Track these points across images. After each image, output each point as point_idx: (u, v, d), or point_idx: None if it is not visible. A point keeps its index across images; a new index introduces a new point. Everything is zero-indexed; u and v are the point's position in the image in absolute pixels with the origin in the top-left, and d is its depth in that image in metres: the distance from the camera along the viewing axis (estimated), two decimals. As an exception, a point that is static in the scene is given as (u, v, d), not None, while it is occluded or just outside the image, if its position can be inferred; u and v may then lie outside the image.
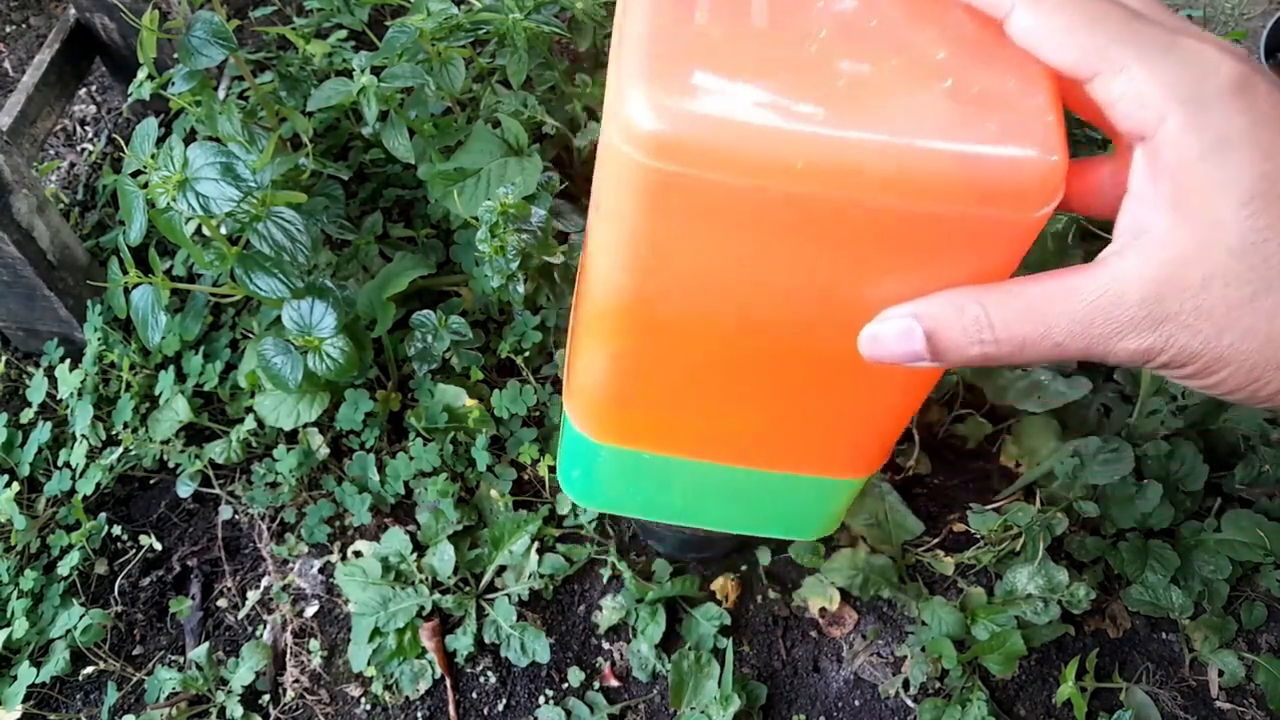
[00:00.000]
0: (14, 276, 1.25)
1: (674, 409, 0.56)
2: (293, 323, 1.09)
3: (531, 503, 1.26)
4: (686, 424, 0.57)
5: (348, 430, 1.28)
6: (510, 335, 1.30)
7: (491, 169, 1.20)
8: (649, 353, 0.50)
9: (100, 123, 1.75)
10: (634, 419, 0.58)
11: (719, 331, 0.47)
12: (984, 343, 0.37)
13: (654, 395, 0.54)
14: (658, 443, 0.59)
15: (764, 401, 0.53)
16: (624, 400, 0.56)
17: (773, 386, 0.52)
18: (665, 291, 0.44)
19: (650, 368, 0.52)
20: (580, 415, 0.60)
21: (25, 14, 1.92)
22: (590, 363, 0.55)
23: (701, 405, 0.55)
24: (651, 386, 0.54)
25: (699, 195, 0.37)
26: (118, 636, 1.21)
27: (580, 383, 0.58)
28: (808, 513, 0.71)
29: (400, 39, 1.12)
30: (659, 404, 0.55)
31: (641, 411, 0.57)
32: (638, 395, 0.55)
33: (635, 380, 0.54)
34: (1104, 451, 1.15)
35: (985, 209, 0.37)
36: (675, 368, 0.51)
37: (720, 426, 0.57)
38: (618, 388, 0.55)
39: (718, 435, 0.58)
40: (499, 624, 1.16)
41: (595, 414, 0.59)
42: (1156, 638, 1.22)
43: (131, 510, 1.30)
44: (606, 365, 0.53)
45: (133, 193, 1.01)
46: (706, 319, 0.46)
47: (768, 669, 1.17)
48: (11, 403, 1.39)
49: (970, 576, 1.22)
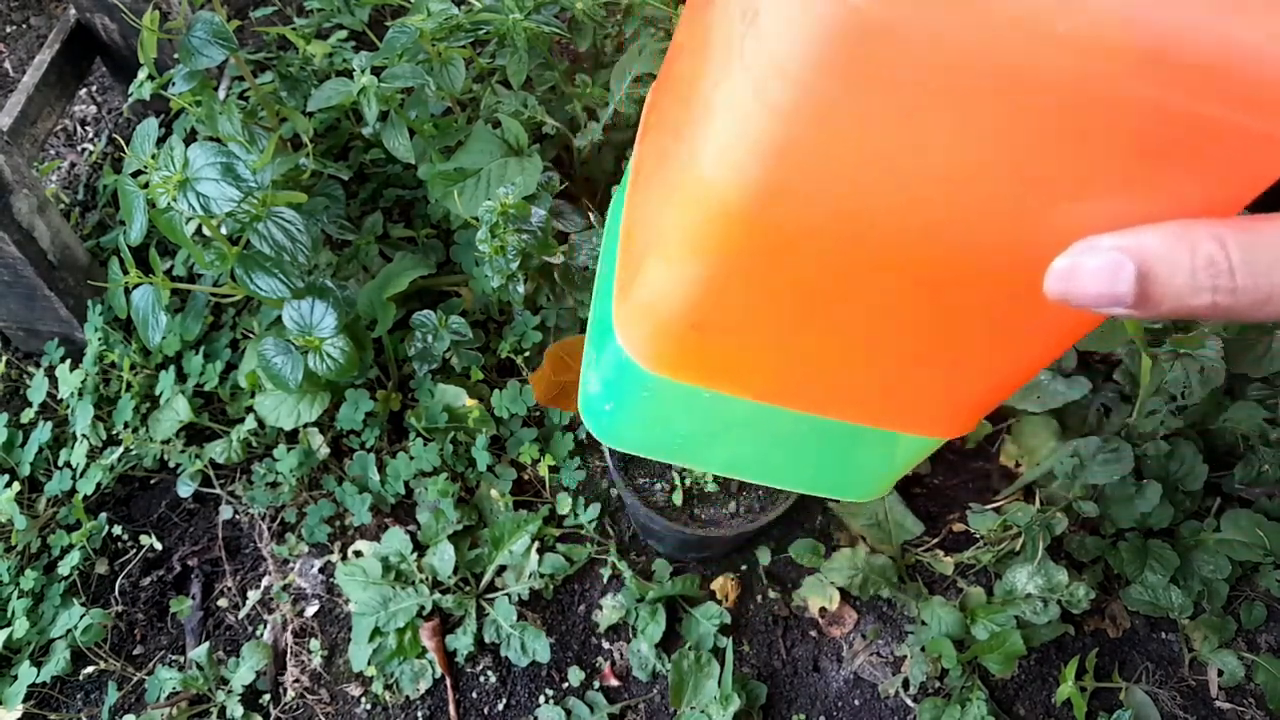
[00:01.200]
0: (14, 276, 1.25)
1: (759, 340, 0.47)
2: (293, 323, 1.10)
3: (531, 503, 1.27)
4: (768, 359, 0.49)
5: (348, 430, 1.28)
6: (510, 335, 1.30)
7: (491, 169, 1.20)
8: (756, 267, 0.41)
9: (101, 123, 1.75)
10: (706, 348, 0.49)
11: (856, 246, 0.38)
12: (1217, 290, 0.30)
13: (741, 321, 0.46)
14: (725, 378, 0.51)
15: (875, 339, 0.45)
16: (701, 324, 0.47)
17: (893, 321, 0.43)
18: (810, 188, 0.35)
19: (750, 286, 0.42)
20: (637, 338, 0.51)
21: (26, 14, 1.92)
22: (668, 274, 0.45)
23: (795, 338, 0.46)
24: (742, 310, 0.44)
25: (906, 52, 0.29)
26: (118, 636, 1.21)
27: (646, 298, 0.48)
28: (868, 471, 0.63)
29: (400, 39, 1.12)
30: (744, 332, 0.47)
31: (719, 339, 0.48)
32: (721, 319, 0.46)
33: (725, 301, 0.44)
34: (1103, 451, 1.15)
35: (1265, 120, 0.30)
36: (781, 288, 0.42)
37: (808, 365, 0.48)
38: (698, 308, 0.45)
39: (801, 375, 0.50)
40: (499, 624, 1.16)
41: (659, 338, 0.50)
42: (1156, 637, 1.22)
43: (132, 510, 1.30)
44: (692, 279, 0.44)
45: (133, 193, 1.01)
46: (848, 228, 0.37)
47: (768, 668, 1.17)
48: (12, 402, 1.39)
49: (970, 576, 1.22)
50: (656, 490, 1.10)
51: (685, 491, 1.08)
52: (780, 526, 1.26)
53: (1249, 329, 1.12)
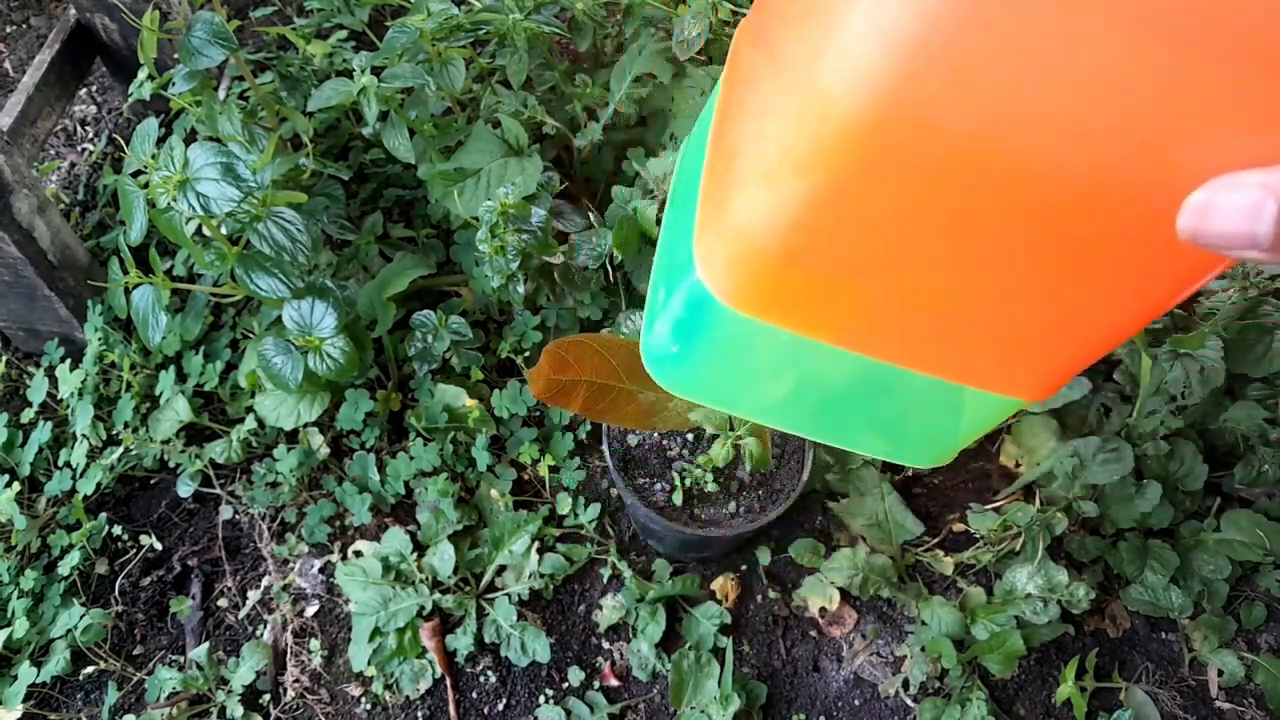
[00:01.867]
0: (15, 276, 1.25)
1: (853, 275, 0.44)
2: (293, 323, 1.10)
3: (531, 503, 1.27)
4: (858, 298, 0.45)
5: (348, 430, 1.29)
6: (510, 335, 1.30)
7: (491, 169, 1.20)
8: (866, 190, 0.38)
9: (101, 123, 1.75)
10: (794, 282, 0.45)
11: (978, 172, 0.36)
12: None
13: (838, 251, 0.42)
14: (809, 318, 0.47)
15: (978, 281, 0.42)
16: (798, 255, 0.44)
17: (1000, 261, 0.40)
18: (940, 103, 0.33)
19: (855, 212, 0.40)
20: (721, 270, 0.48)
21: (26, 14, 1.92)
22: (767, 198, 0.42)
23: (892, 274, 0.43)
24: (842, 238, 0.41)
25: None
26: (118, 636, 1.21)
27: (737, 225, 0.45)
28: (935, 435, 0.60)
29: (400, 39, 1.12)
30: (839, 265, 0.43)
31: (810, 273, 0.44)
32: (818, 248, 0.43)
33: (825, 227, 0.41)
34: (1103, 451, 1.15)
35: None
36: (888, 216, 0.40)
37: (900, 306, 0.46)
38: (796, 235, 0.42)
39: (890, 318, 0.47)
40: (499, 623, 1.16)
41: (746, 270, 0.46)
42: (1156, 637, 1.22)
43: (132, 510, 1.30)
44: (795, 202, 0.41)
45: (133, 193, 1.01)
46: (974, 151, 0.35)
47: (768, 668, 1.17)
48: (12, 403, 1.39)
49: (970, 576, 1.22)
50: (656, 490, 1.10)
51: (685, 491, 1.08)
52: (780, 526, 1.26)
53: (1249, 328, 1.12)
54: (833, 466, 1.25)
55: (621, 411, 0.97)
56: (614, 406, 0.96)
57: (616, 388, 0.96)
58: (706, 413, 0.96)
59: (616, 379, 0.95)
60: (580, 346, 0.92)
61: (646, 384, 0.97)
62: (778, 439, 1.13)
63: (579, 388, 0.93)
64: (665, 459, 1.13)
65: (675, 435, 1.14)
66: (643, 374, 1.04)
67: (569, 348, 0.91)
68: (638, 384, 0.97)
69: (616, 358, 0.94)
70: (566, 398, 0.93)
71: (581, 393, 0.94)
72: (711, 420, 0.95)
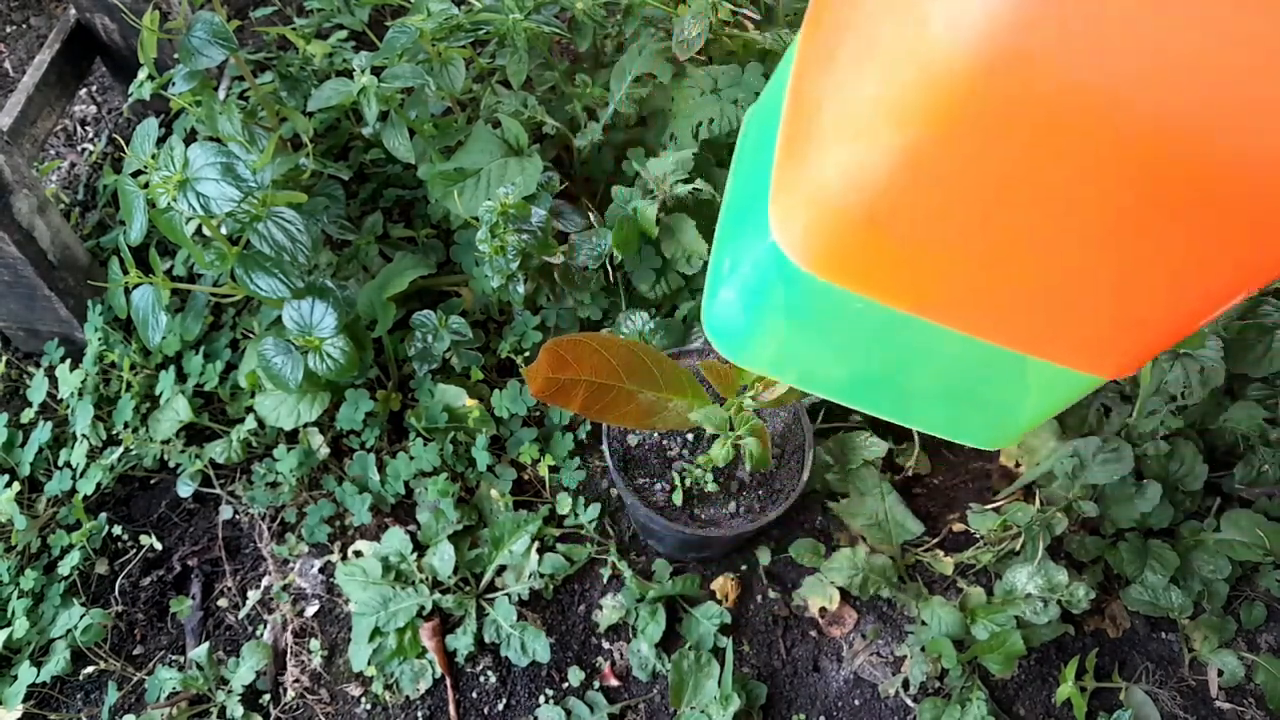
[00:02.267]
0: (15, 276, 1.25)
1: (940, 237, 0.42)
2: (293, 323, 1.10)
3: (531, 502, 1.27)
4: (941, 262, 0.43)
5: (348, 430, 1.29)
6: (510, 335, 1.30)
7: (492, 169, 1.20)
8: (967, 144, 0.36)
9: (101, 123, 1.75)
10: (876, 243, 0.43)
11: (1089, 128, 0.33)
12: None
13: (935, 215, 0.40)
14: (887, 282, 0.45)
15: (1074, 247, 0.40)
16: (886, 216, 0.41)
17: (1100, 226, 0.38)
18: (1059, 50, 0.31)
19: (953, 167, 0.37)
20: (799, 231, 0.46)
21: (26, 14, 1.93)
22: (858, 153, 0.40)
23: (982, 237, 0.41)
24: (935, 196, 0.39)
25: None
26: (118, 636, 1.21)
27: (822, 181, 0.43)
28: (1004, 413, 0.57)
29: (400, 39, 1.12)
30: (934, 230, 0.41)
31: (902, 236, 0.42)
32: (908, 205, 0.40)
33: (918, 182, 0.39)
34: (1103, 451, 1.15)
35: None
36: (986, 174, 0.37)
37: (985, 272, 0.43)
38: (887, 191, 0.40)
39: (972, 285, 0.44)
40: (499, 624, 1.16)
41: (826, 230, 0.44)
42: (1156, 637, 1.22)
43: (132, 510, 1.30)
44: (890, 158, 0.38)
45: (133, 193, 1.01)
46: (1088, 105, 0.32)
47: (768, 668, 1.17)
48: (12, 403, 1.39)
49: (970, 576, 1.22)
50: (656, 490, 1.10)
51: (685, 491, 1.08)
52: (780, 526, 1.26)
53: (1249, 328, 1.12)
54: (833, 466, 1.25)
55: (621, 411, 0.97)
56: (614, 406, 0.96)
57: (616, 387, 0.96)
58: (706, 413, 0.96)
59: (616, 378, 0.95)
60: (580, 346, 0.92)
61: (646, 384, 0.97)
62: (777, 439, 1.13)
63: (578, 387, 0.93)
64: (665, 459, 1.13)
65: (675, 435, 1.14)
66: (643, 373, 1.04)
67: (568, 346, 0.91)
68: (637, 384, 0.97)
69: (616, 357, 0.94)
70: (565, 397, 0.93)
71: (581, 392, 0.94)
72: (711, 420, 0.96)
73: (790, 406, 1.13)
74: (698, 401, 0.99)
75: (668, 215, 1.22)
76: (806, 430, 1.10)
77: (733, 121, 1.24)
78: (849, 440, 1.25)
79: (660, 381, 0.97)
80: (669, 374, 0.97)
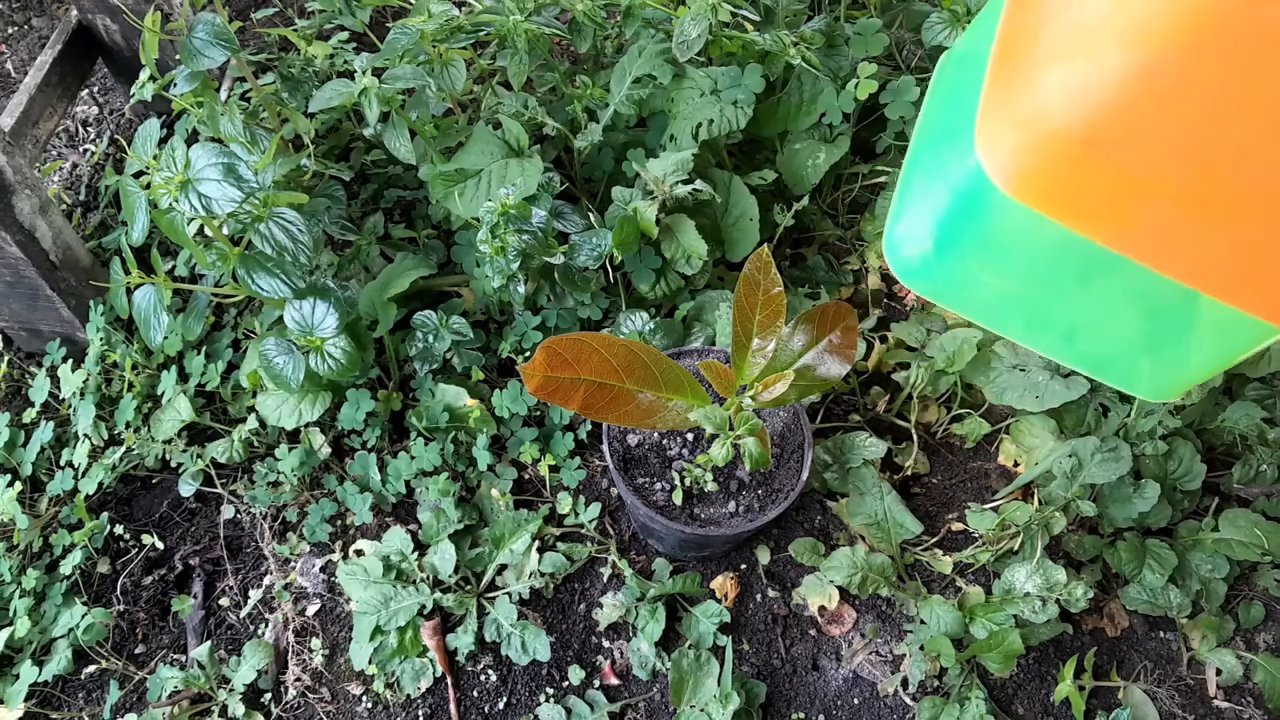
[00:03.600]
0: (17, 277, 1.26)
1: (1165, 170, 0.39)
2: (295, 323, 1.10)
3: (532, 502, 1.27)
4: (1162, 197, 0.41)
5: (349, 430, 1.29)
6: (511, 335, 1.30)
7: (492, 170, 1.21)
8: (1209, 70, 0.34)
9: (103, 124, 1.76)
10: (1087, 169, 0.41)
11: None
12: None
13: (1156, 142, 0.38)
14: (1098, 216, 0.43)
15: None
16: (1103, 140, 0.39)
17: None
18: None
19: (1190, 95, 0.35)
20: (1007, 152, 0.44)
21: (27, 15, 1.93)
22: (1082, 72, 0.38)
23: (1210, 174, 0.38)
24: (1165, 126, 0.37)
25: None
26: (120, 635, 1.21)
27: (1040, 100, 0.41)
28: (1182, 362, 0.55)
29: (401, 40, 1.12)
30: (1152, 157, 0.39)
31: (1116, 163, 0.40)
32: (1132, 136, 0.38)
33: (1150, 111, 0.36)
34: (1102, 451, 1.15)
35: None
36: (1227, 105, 0.35)
37: (1199, 208, 0.40)
38: (1110, 118, 0.38)
39: (1181, 221, 0.42)
40: (500, 622, 1.17)
41: (1039, 153, 0.42)
42: (1154, 636, 1.22)
43: (134, 509, 1.31)
44: (1118, 78, 0.36)
45: (135, 193, 1.01)
46: None
47: (767, 667, 1.18)
48: (14, 402, 1.40)
49: (968, 575, 1.23)
50: (656, 489, 1.10)
51: (685, 491, 1.09)
52: (780, 526, 1.26)
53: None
54: (831, 466, 1.25)
55: (621, 411, 0.97)
56: (613, 405, 0.97)
57: (616, 387, 0.96)
58: (706, 412, 0.96)
59: (616, 378, 0.96)
60: (580, 345, 0.92)
61: (646, 383, 0.98)
62: (777, 439, 1.14)
63: (578, 386, 0.94)
64: (665, 459, 1.13)
65: (675, 435, 1.14)
66: (642, 373, 1.04)
67: (566, 345, 0.92)
68: (637, 383, 0.97)
69: (616, 357, 0.94)
70: (565, 396, 0.94)
71: (581, 391, 0.94)
72: (711, 420, 0.96)
73: (790, 406, 1.13)
74: (697, 401, 0.99)
75: (667, 216, 1.22)
76: (806, 430, 1.11)
77: (732, 122, 1.25)
78: (848, 440, 1.26)
79: (660, 381, 0.98)
80: (669, 374, 0.98)
